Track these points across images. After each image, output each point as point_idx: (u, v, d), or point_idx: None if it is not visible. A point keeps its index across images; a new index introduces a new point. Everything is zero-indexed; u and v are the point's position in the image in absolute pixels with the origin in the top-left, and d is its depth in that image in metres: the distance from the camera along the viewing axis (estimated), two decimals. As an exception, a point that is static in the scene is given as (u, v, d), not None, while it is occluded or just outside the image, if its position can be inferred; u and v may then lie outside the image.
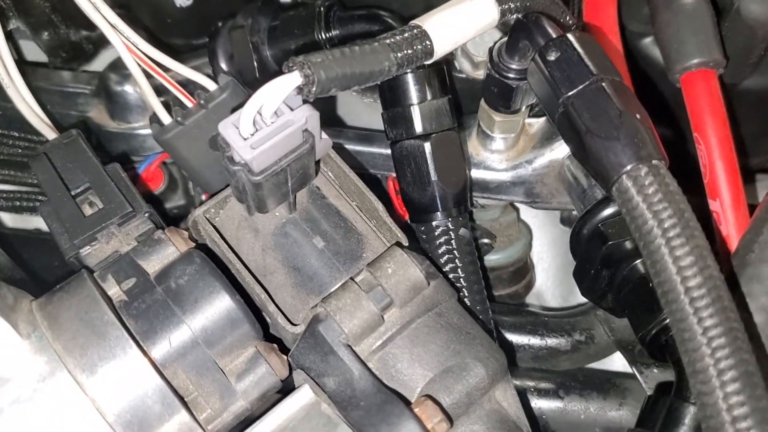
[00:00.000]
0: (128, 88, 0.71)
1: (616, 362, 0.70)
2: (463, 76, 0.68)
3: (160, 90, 0.62)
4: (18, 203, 0.74)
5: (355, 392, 0.47)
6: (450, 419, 0.46)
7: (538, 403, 0.65)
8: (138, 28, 0.77)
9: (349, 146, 0.70)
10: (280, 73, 0.46)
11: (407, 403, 0.46)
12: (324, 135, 0.51)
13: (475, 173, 0.67)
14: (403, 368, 0.49)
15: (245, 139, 0.45)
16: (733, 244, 0.56)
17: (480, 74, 0.67)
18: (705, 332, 0.40)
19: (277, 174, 0.47)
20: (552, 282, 0.81)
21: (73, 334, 0.43)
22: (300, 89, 0.45)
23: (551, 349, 0.68)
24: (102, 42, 0.79)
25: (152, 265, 0.49)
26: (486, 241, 0.70)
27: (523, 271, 0.75)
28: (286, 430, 0.46)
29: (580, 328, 0.68)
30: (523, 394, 0.65)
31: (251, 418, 0.48)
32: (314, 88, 0.44)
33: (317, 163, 0.53)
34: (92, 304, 0.45)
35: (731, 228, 0.57)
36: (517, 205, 0.76)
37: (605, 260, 0.54)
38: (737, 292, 0.50)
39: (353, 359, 0.47)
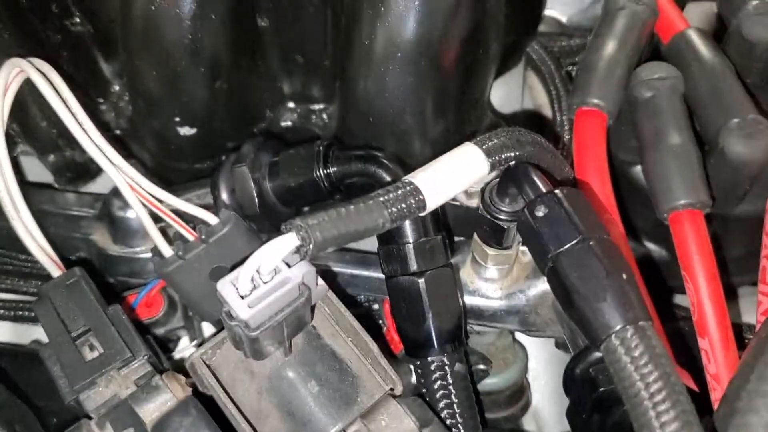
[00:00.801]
0: (131, 214, 0.73)
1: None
2: (458, 203, 0.70)
3: (159, 218, 0.63)
4: (19, 312, 0.75)
5: None
6: None
7: None
8: (142, 150, 0.80)
9: (347, 270, 0.71)
10: (278, 222, 0.48)
11: None
12: (320, 281, 0.52)
13: (470, 300, 0.68)
14: None
15: (242, 297, 0.47)
16: (722, 381, 0.57)
17: (474, 203, 0.69)
18: None
19: (273, 327, 0.48)
20: (548, 401, 0.81)
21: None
22: (297, 250, 0.46)
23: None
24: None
25: (149, 413, 0.50)
26: (482, 367, 0.71)
27: (519, 393, 0.76)
28: None
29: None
30: None
31: None
32: (311, 249, 0.46)
33: (313, 308, 0.54)
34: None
35: (720, 367, 0.58)
36: (512, 326, 0.77)
37: (597, 405, 0.55)
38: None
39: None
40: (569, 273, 0.47)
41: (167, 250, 0.62)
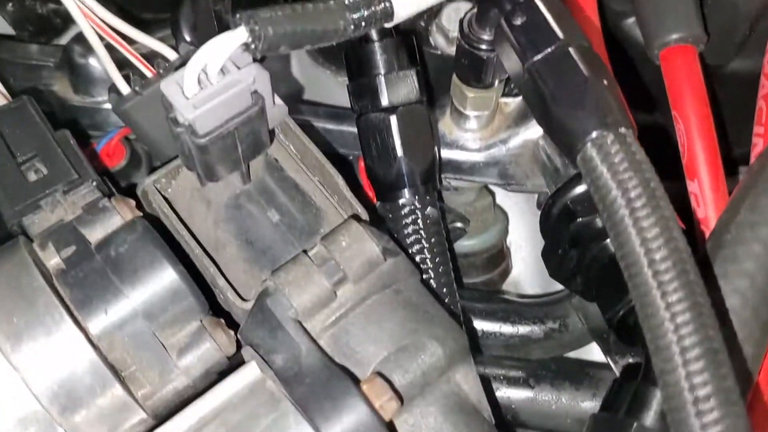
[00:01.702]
0: (92, 62, 0.69)
1: (592, 353, 0.67)
2: (438, 52, 0.65)
3: (122, 64, 0.60)
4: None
5: (302, 368, 0.44)
6: (401, 398, 0.44)
7: (507, 392, 0.62)
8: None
9: (318, 124, 0.67)
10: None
11: (356, 380, 0.43)
12: (278, 101, 0.49)
13: (448, 153, 0.64)
14: (355, 346, 0.46)
15: (188, 99, 0.43)
16: (712, 224, 0.54)
17: (454, 50, 0.65)
18: (668, 307, 0.37)
19: (224, 138, 0.45)
20: (531, 272, 0.78)
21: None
22: (246, 46, 0.42)
23: (523, 337, 0.65)
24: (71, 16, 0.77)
25: (95, 234, 0.47)
26: (459, 225, 0.68)
27: (498, 258, 0.73)
28: (228, 407, 0.44)
29: (553, 316, 0.65)
30: (488, 382, 0.62)
31: (194, 396, 0.45)
32: (261, 45, 0.42)
33: (272, 131, 0.51)
34: (22, 269, 0.42)
35: (710, 210, 0.55)
36: (494, 190, 0.74)
37: (574, 239, 0.51)
38: (711, 274, 0.47)
39: (301, 335, 0.45)
40: (546, 79, 0.44)
41: (125, 88, 0.59)
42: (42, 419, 0.40)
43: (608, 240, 0.51)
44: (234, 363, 0.48)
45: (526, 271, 0.78)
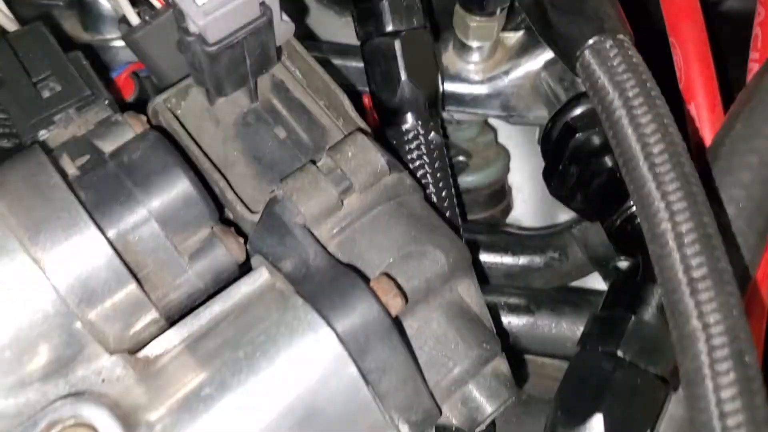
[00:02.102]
0: (102, -1, 0.70)
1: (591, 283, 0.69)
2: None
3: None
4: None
5: (310, 270, 0.46)
6: (406, 298, 0.45)
7: (508, 318, 0.64)
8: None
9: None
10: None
11: (364, 279, 0.45)
12: (285, 17, 0.50)
13: (451, 86, 0.65)
14: (361, 252, 0.48)
15: (199, 6, 0.44)
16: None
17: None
18: (664, 196, 0.39)
19: (233, 47, 0.46)
20: (531, 212, 0.79)
21: (17, 196, 0.42)
22: (255, -46, 0.44)
23: (524, 267, 0.67)
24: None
25: (108, 145, 0.48)
26: (462, 158, 0.69)
27: (500, 194, 0.74)
28: (238, 308, 0.45)
29: (554, 246, 0.67)
30: (492, 309, 0.64)
31: (206, 300, 0.47)
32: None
33: (279, 50, 0.52)
34: (41, 169, 0.43)
35: (706, 131, 0.56)
36: (496, 127, 0.75)
37: (573, 155, 0.53)
38: (708, 186, 0.49)
39: (309, 240, 0.46)
40: (546, -14, 0.45)
41: (135, 19, 0.60)
42: (60, 311, 0.41)
43: (607, 155, 0.52)
44: (243, 271, 0.49)
45: (527, 212, 0.80)
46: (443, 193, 0.59)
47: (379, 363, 0.43)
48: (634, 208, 0.49)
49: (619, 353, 0.43)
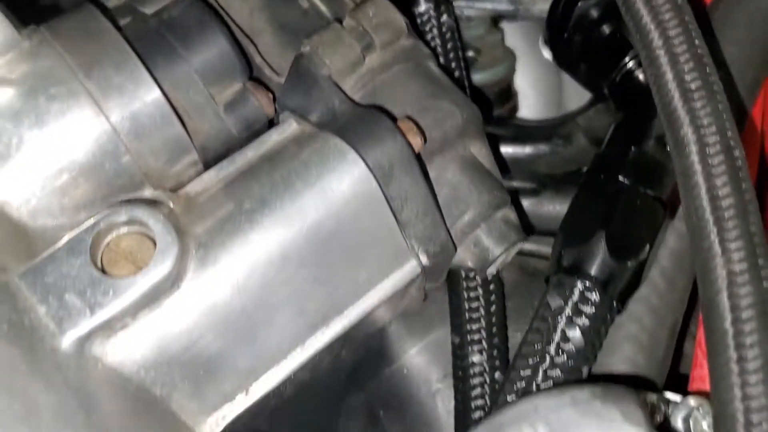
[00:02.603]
0: None
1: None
2: None
3: None
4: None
5: (337, 115, 0.50)
6: (425, 139, 0.49)
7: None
8: None
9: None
10: None
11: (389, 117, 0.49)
12: None
13: (460, -23, 0.69)
14: (382, 104, 0.51)
15: None
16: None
17: None
18: (659, 24, 0.42)
19: None
20: (535, 117, 0.83)
21: (71, 38, 0.46)
22: None
23: (530, 154, 0.70)
24: None
25: (149, 9, 0.52)
26: (471, 54, 0.73)
27: (507, 93, 0.78)
28: (271, 152, 0.49)
29: (558, 134, 0.70)
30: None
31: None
32: None
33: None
34: (93, 17, 0.47)
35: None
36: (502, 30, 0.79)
37: (578, 23, 0.56)
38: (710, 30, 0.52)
39: (334, 89, 0.50)
40: None
41: None
42: (111, 141, 0.45)
43: (606, 23, 0.56)
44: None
45: (531, 116, 0.84)
46: (456, 74, 0.63)
47: (401, 192, 0.47)
48: (631, 64, 0.53)
49: (621, 178, 0.47)
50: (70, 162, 0.44)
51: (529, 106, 0.85)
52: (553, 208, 0.67)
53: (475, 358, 0.58)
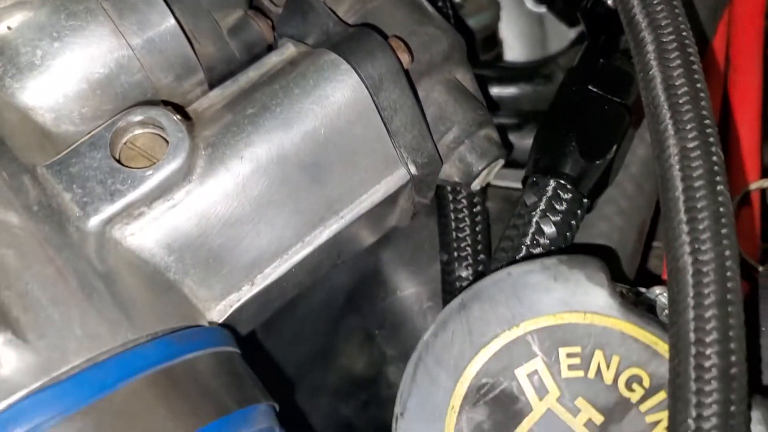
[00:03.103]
0: None
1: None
2: None
3: None
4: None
5: (331, 35, 0.54)
6: (412, 57, 0.54)
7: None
8: None
9: None
10: None
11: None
12: None
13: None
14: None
15: None
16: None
17: None
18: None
19: None
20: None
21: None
22: None
23: (513, 94, 0.75)
24: None
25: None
26: (457, 0, 0.77)
27: (491, 41, 0.82)
28: (271, 71, 0.53)
29: (540, 74, 0.75)
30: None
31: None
32: None
33: None
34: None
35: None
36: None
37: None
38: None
39: (329, 12, 0.55)
40: None
41: None
42: (126, 55, 0.49)
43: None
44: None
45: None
46: (442, 11, 0.67)
47: (390, 102, 0.51)
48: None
49: (590, 87, 0.51)
50: (89, 73, 0.49)
51: (514, 56, 0.89)
52: (534, 140, 0.72)
53: (463, 272, 0.63)
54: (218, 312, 0.48)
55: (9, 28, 0.48)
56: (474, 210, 0.64)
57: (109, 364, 0.37)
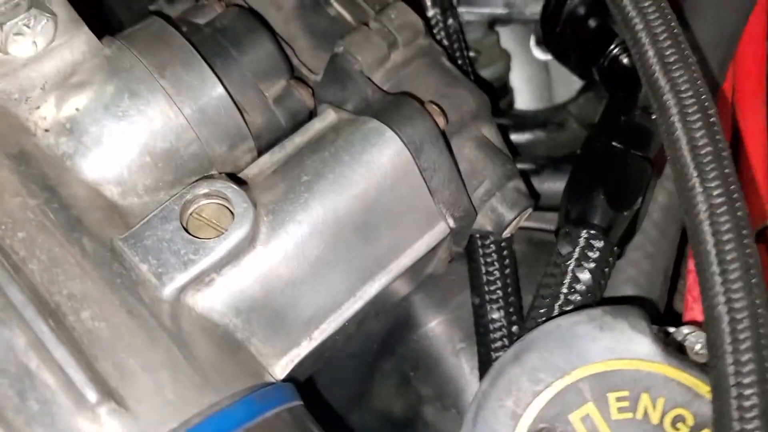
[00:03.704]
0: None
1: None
2: None
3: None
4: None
5: (370, 103, 0.58)
6: (446, 120, 0.58)
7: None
8: None
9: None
10: None
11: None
12: None
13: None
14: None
15: None
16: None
17: None
18: (640, 11, 0.51)
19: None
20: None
21: (145, 44, 0.54)
22: None
23: (528, 140, 0.79)
24: None
25: (201, 20, 0.60)
26: (472, 54, 0.82)
27: (504, 89, 0.87)
28: (316, 137, 0.57)
29: (552, 120, 0.79)
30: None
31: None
32: None
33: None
34: (160, 25, 0.55)
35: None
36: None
37: (569, 18, 0.65)
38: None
39: (367, 80, 0.59)
40: None
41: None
42: (184, 129, 0.53)
43: (593, 17, 0.64)
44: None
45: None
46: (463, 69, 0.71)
47: (430, 163, 0.55)
48: (616, 50, 0.61)
49: (614, 143, 0.55)
50: (151, 148, 0.52)
51: (523, 101, 0.94)
52: (552, 185, 0.76)
53: (495, 315, 0.66)
54: (280, 368, 0.52)
55: (77, 109, 0.51)
56: (503, 254, 0.67)
57: (206, 426, 0.40)
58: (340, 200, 0.52)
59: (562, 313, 0.53)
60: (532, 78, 0.93)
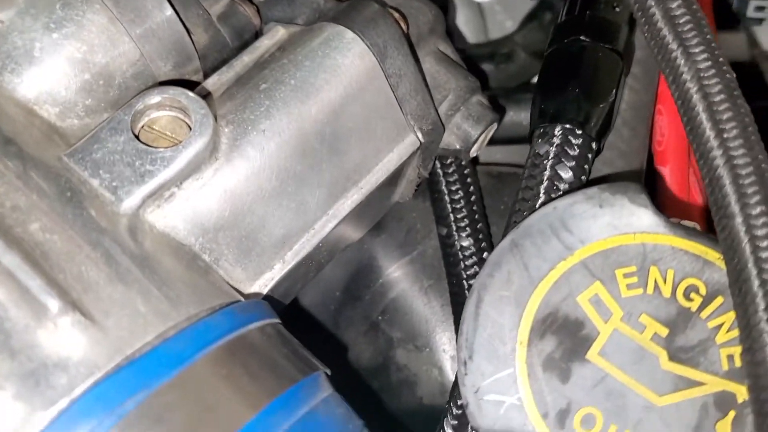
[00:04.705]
0: None
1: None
2: None
3: None
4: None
5: (324, 11, 0.54)
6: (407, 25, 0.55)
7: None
8: None
9: None
10: None
11: (376, 4, 0.54)
12: None
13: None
14: None
15: None
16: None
17: None
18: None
19: None
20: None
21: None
22: None
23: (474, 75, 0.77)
24: None
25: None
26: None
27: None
28: (265, 54, 0.53)
29: (499, 53, 0.77)
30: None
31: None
32: None
33: None
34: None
35: None
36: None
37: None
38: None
39: (317, -10, 0.55)
40: None
41: None
42: (125, 44, 0.47)
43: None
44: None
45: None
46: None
47: (395, 69, 0.52)
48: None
49: (582, 38, 0.53)
50: (90, 64, 0.47)
51: (462, 44, 0.92)
52: (510, 116, 0.74)
53: (465, 242, 0.63)
54: (254, 291, 0.47)
55: (2, 22, 0.46)
56: (466, 181, 0.65)
57: (185, 336, 0.36)
58: (305, 108, 0.48)
59: (545, 214, 0.50)
60: (470, 20, 0.91)
